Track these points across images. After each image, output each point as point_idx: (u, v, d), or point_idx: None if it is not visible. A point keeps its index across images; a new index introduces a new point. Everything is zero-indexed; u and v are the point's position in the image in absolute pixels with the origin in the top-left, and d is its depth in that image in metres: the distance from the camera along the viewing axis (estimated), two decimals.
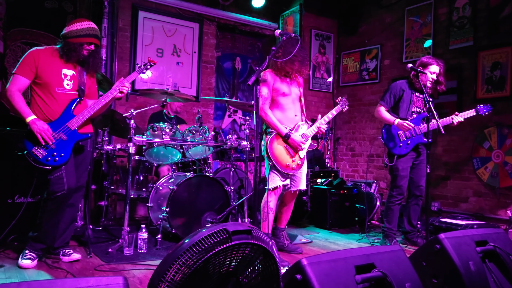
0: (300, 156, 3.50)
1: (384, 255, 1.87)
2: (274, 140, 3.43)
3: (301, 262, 1.61)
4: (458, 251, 2.17)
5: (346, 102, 3.77)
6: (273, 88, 3.45)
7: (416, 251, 2.32)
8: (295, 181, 3.58)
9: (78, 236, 3.70)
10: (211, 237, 1.40)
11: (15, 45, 4.79)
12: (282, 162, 3.41)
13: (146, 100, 5.39)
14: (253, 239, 1.47)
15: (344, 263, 1.72)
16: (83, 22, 3.00)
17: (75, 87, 3.05)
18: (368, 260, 1.79)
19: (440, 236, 2.20)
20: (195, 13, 5.95)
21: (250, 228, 1.47)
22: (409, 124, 3.82)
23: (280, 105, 3.50)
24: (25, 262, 2.91)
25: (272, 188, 3.41)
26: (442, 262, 2.18)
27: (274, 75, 3.47)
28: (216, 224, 1.47)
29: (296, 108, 3.57)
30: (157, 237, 3.64)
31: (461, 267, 2.12)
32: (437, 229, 4.10)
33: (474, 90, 4.87)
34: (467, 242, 2.27)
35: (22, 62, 2.92)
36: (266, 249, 1.51)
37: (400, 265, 1.89)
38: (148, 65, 3.43)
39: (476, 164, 4.81)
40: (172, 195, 3.70)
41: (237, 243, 1.42)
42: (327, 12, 6.59)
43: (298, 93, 3.59)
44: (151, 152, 4.03)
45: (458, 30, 5.03)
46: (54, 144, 2.86)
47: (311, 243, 4.09)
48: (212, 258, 1.39)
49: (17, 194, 3.55)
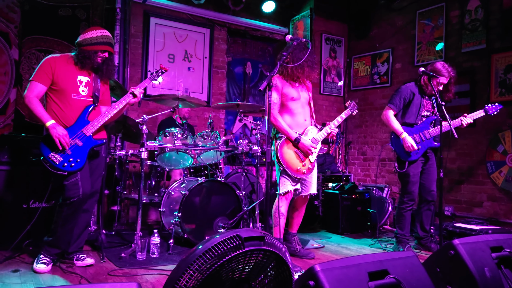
0: (310, 161, 3.50)
1: (398, 261, 1.85)
2: (284, 145, 3.43)
3: (314, 268, 1.60)
4: (473, 257, 2.15)
5: (356, 105, 3.75)
6: (282, 93, 3.47)
7: (430, 257, 2.30)
8: (306, 186, 3.57)
9: (92, 241, 3.74)
10: (224, 243, 1.40)
11: (30, 53, 4.88)
12: (292, 167, 3.41)
13: (157, 105, 5.44)
14: (266, 245, 1.47)
15: (357, 270, 1.71)
16: (97, 30, 3.05)
17: (90, 93, 3.10)
18: (382, 267, 1.78)
19: (455, 242, 2.18)
20: (206, 19, 6.00)
21: (263, 234, 1.47)
22: (413, 147, 3.77)
23: (289, 109, 3.51)
24: (40, 266, 2.95)
25: (283, 193, 3.42)
26: (457, 269, 2.15)
27: (283, 80, 3.48)
28: (229, 230, 1.48)
29: (306, 113, 3.58)
30: (169, 242, 3.66)
31: (476, 273, 2.10)
32: (451, 234, 4.06)
33: (487, 93, 4.81)
34: (482, 248, 2.24)
35: (39, 69, 2.98)
36: (279, 255, 1.51)
37: (414, 271, 1.87)
38: (160, 72, 3.48)
39: (490, 168, 4.75)
40: (184, 200, 3.72)
41: (250, 249, 1.42)
42: (337, 16, 6.59)
43: (307, 97, 3.60)
44: (163, 157, 4.06)
45: (471, 33, 4.98)
46: (70, 150, 2.90)
47: (323, 248, 4.08)
48: (225, 264, 1.39)
49: (32, 199, 3.61)
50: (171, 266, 3.22)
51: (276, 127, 3.46)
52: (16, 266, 3.06)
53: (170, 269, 3.13)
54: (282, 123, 3.44)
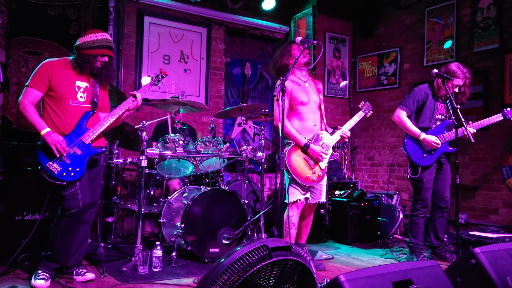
0: (321, 168, 3.59)
1: (421, 271, 1.95)
2: (292, 152, 3.51)
3: (339, 278, 1.70)
4: (494, 266, 2.25)
5: (370, 106, 3.85)
6: (291, 96, 3.55)
7: (450, 267, 2.39)
8: (315, 194, 3.67)
9: (89, 255, 3.80)
10: (252, 253, 1.50)
11: (18, 55, 4.94)
12: (302, 175, 3.49)
13: (152, 110, 5.52)
14: (293, 255, 1.57)
15: (382, 279, 1.81)
16: (97, 33, 3.14)
17: (89, 99, 3.18)
18: (405, 276, 1.88)
19: (475, 251, 2.28)
20: (203, 17, 6.11)
21: (289, 244, 1.57)
22: (437, 143, 3.90)
23: (298, 114, 3.60)
24: (39, 282, 3.01)
25: (292, 202, 3.50)
26: (478, 278, 2.25)
27: (292, 82, 3.57)
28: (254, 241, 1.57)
29: (316, 117, 3.66)
30: (172, 255, 3.73)
31: (498, 283, 2.19)
32: (466, 243, 4.17)
33: (502, 94, 4.95)
34: (504, 256, 2.35)
35: (35, 74, 3.05)
36: (305, 265, 1.61)
37: (437, 281, 1.97)
38: (160, 76, 3.58)
39: (505, 173, 4.89)
40: (187, 210, 3.80)
41: (277, 260, 1.52)
42: (342, 14, 6.72)
43: (317, 100, 3.69)
44: (162, 165, 4.14)
45: (483, 31, 5.13)
46: (69, 159, 2.98)
47: (332, 259, 4.17)
48: (254, 275, 1.49)
49: (25, 211, 3.66)
50: (176, 280, 3.30)
51: (284, 133, 3.53)
52: (12, 282, 3.12)
53: (175, 283, 3.21)
54: (291, 128, 3.52)
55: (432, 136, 3.93)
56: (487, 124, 4.02)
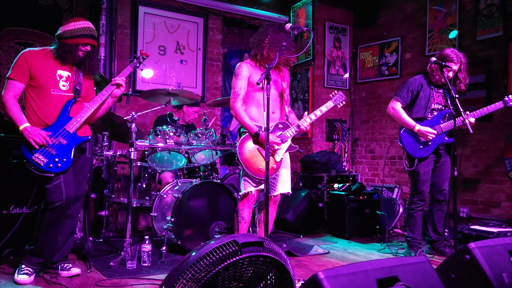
0: (275, 160, 3.32)
1: (408, 267, 1.85)
2: (245, 141, 3.27)
3: (318, 275, 1.60)
4: (490, 262, 2.15)
5: (343, 97, 3.55)
6: (248, 82, 3.34)
7: (444, 262, 2.30)
8: (273, 185, 3.44)
9: (78, 249, 3.73)
10: (220, 249, 1.40)
11: (9, 46, 4.87)
12: (253, 166, 3.25)
13: (148, 102, 5.43)
14: (265, 251, 1.47)
15: (365, 277, 1.71)
16: (78, 21, 3.05)
17: (71, 88, 3.10)
18: (391, 273, 1.78)
19: (470, 246, 2.18)
20: (199, 7, 6.00)
21: (261, 239, 1.47)
22: (432, 133, 3.79)
23: (256, 100, 3.36)
24: (22, 277, 2.95)
25: (243, 194, 3.32)
26: (473, 274, 2.16)
27: (252, 67, 3.36)
28: (224, 235, 1.48)
29: (275, 105, 3.41)
30: (162, 249, 3.66)
31: (493, 279, 2.10)
32: (467, 238, 4.06)
33: (505, 84, 4.81)
34: (500, 251, 2.25)
35: (14, 65, 2.98)
36: (280, 262, 1.51)
37: (426, 278, 1.87)
38: (141, 58, 3.47)
39: (508, 165, 4.75)
40: (177, 203, 3.73)
41: (247, 256, 1.42)
42: (342, 2, 6.57)
43: (279, 88, 3.44)
44: (154, 157, 4.06)
45: (486, 19, 4.98)
46: (54, 149, 2.90)
47: (328, 254, 4.08)
48: (221, 272, 1.39)
49: (12, 205, 3.59)
50: (164, 275, 3.21)
51: (238, 121, 3.34)
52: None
53: (163, 278, 3.12)
54: (243, 115, 3.28)
55: (427, 127, 3.81)
56: (487, 113, 3.88)
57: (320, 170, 5.76)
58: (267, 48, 3.28)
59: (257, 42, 3.37)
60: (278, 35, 3.28)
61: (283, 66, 3.50)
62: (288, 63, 3.45)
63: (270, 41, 3.28)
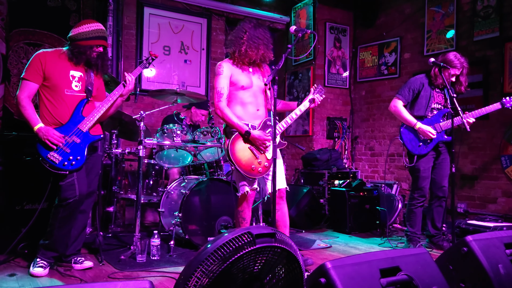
0: (267, 157, 3.26)
1: (409, 258, 1.94)
2: (236, 141, 3.20)
3: (325, 265, 1.69)
4: (486, 254, 2.23)
5: (323, 90, 3.54)
6: (230, 82, 3.28)
7: (442, 255, 2.38)
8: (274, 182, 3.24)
9: (88, 244, 3.83)
10: (235, 240, 1.49)
11: (18, 46, 4.95)
12: (246, 165, 3.18)
13: (153, 101, 5.52)
14: (277, 242, 1.56)
15: (369, 266, 1.80)
16: (91, 24, 3.13)
17: (83, 88, 3.19)
18: (393, 263, 1.87)
19: (468, 239, 2.26)
20: (203, 8, 6.08)
21: (273, 231, 1.56)
22: (431, 133, 3.88)
23: (240, 99, 3.31)
24: (37, 270, 3.04)
25: (241, 195, 3.28)
26: (470, 266, 2.24)
27: (232, 66, 3.31)
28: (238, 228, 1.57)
29: (259, 102, 3.37)
30: (170, 244, 3.75)
31: (490, 270, 2.18)
32: (464, 232, 4.15)
33: (501, 84, 4.90)
34: (496, 244, 2.33)
35: (28, 66, 3.06)
36: (290, 252, 1.61)
37: (426, 268, 1.97)
38: (150, 59, 3.56)
39: (504, 162, 4.85)
40: (185, 199, 3.81)
41: (261, 246, 1.51)
42: (342, 3, 6.65)
43: (261, 85, 3.39)
44: (161, 155, 4.15)
45: (483, 20, 5.06)
46: (69, 148, 2.99)
47: (330, 248, 4.18)
48: (237, 262, 1.49)
49: (25, 201, 3.69)
50: (173, 268, 3.32)
51: (225, 121, 3.28)
52: (12, 270, 3.15)
53: (172, 271, 3.23)
54: (230, 114, 3.22)
55: (427, 126, 3.91)
56: (485, 113, 3.97)
57: (321, 167, 5.86)
58: (246, 44, 3.23)
59: (235, 39, 3.30)
60: (256, 31, 3.26)
61: (261, 62, 3.41)
62: (265, 59, 3.35)
63: (249, 37, 3.24)
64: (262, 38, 3.26)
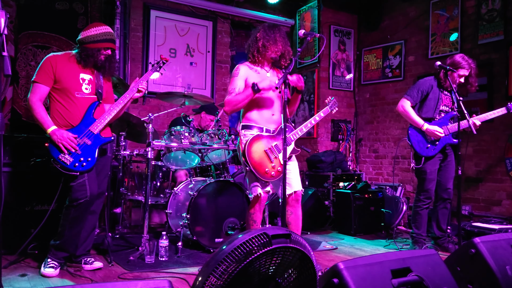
0: (280, 162, 3.19)
1: (420, 259, 1.97)
2: (253, 143, 3.19)
3: (338, 266, 1.72)
4: (494, 255, 2.26)
5: (336, 103, 3.66)
6: (245, 84, 3.27)
7: (450, 256, 2.41)
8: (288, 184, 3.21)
9: (97, 244, 3.86)
10: (252, 241, 1.53)
11: (26, 49, 4.99)
12: (261, 168, 3.17)
13: (159, 103, 5.56)
14: (292, 243, 1.59)
15: (380, 267, 1.83)
16: (99, 26, 3.18)
17: (93, 91, 3.23)
18: (404, 264, 1.90)
19: (475, 240, 2.29)
20: (209, 11, 6.12)
21: (289, 232, 1.59)
22: (439, 131, 3.91)
23: (255, 103, 3.29)
24: (48, 270, 3.07)
25: (254, 197, 3.26)
26: (478, 267, 2.26)
27: (249, 69, 3.32)
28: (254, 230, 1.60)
29: (276, 107, 3.35)
30: (178, 245, 3.79)
31: (497, 271, 2.21)
32: (469, 234, 4.18)
33: (506, 87, 4.93)
34: (503, 246, 2.36)
35: (40, 69, 3.10)
36: (304, 252, 1.64)
37: (436, 269, 2.00)
38: (161, 62, 3.59)
39: (509, 165, 4.87)
40: (193, 201, 3.85)
41: (277, 247, 1.55)
42: (346, 6, 6.69)
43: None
44: (169, 156, 4.18)
45: (488, 23, 5.09)
46: (80, 150, 3.03)
47: (336, 250, 4.20)
48: (253, 262, 1.52)
49: (34, 202, 3.73)
50: (182, 269, 3.35)
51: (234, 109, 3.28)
52: (23, 270, 3.19)
53: (181, 272, 3.26)
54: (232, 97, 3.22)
55: (435, 126, 3.94)
56: (490, 118, 4.01)
57: (326, 169, 5.89)
58: (262, 40, 3.26)
59: (251, 40, 3.37)
60: (270, 28, 3.31)
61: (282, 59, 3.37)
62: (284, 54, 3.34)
63: (264, 33, 3.27)
64: (277, 31, 3.29)
